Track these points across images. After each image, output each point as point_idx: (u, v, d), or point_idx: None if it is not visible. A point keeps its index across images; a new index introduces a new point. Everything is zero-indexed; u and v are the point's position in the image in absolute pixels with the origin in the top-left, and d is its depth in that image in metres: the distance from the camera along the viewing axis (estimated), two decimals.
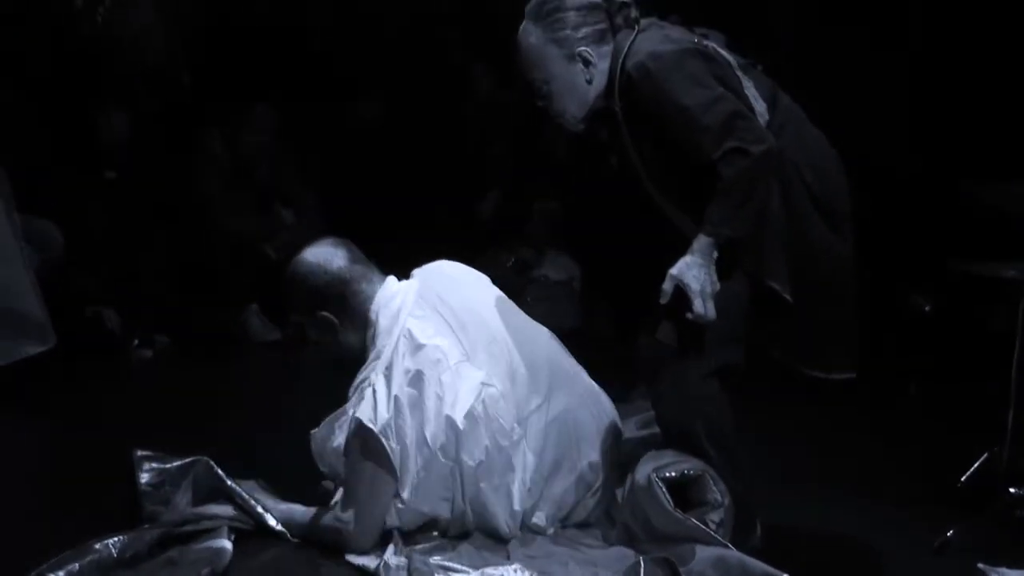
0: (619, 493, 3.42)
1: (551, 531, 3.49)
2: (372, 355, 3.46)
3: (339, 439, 3.42)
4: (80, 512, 3.71)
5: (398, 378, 3.36)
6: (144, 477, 3.49)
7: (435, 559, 3.31)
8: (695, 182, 3.27)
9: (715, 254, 3.23)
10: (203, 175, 6.46)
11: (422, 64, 7.14)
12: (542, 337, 3.65)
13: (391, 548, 3.34)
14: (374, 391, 3.36)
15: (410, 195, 6.88)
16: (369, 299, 3.51)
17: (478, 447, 3.36)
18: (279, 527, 3.40)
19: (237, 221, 6.42)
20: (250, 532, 3.40)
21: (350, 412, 3.40)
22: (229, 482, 3.48)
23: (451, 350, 3.41)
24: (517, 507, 3.43)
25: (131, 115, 6.08)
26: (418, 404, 3.34)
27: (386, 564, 3.27)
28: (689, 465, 3.29)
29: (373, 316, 3.49)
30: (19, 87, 5.70)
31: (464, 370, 3.40)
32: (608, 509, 3.56)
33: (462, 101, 7.39)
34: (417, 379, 3.35)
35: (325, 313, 3.51)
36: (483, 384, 3.39)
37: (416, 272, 3.65)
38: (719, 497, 3.26)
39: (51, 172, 5.86)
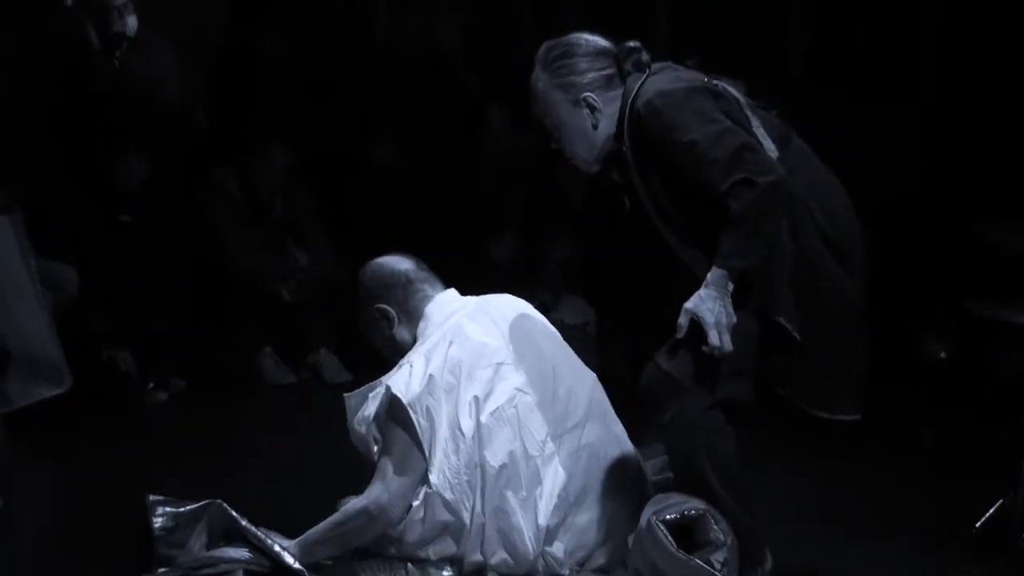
0: (630, 539, 3.42)
1: (567, 572, 3.48)
2: (418, 343, 3.58)
3: (370, 408, 3.50)
4: (95, 556, 3.72)
5: (438, 361, 3.46)
6: (157, 522, 3.49)
7: None
8: (705, 217, 3.28)
9: (730, 286, 3.23)
10: (217, 214, 6.46)
11: (437, 105, 7.16)
12: (588, 376, 3.72)
13: None
14: (411, 366, 3.48)
15: (425, 236, 6.88)
16: (428, 299, 3.68)
17: (502, 449, 3.41)
18: (296, 565, 3.39)
19: (252, 262, 6.41)
20: (265, 574, 3.40)
21: (384, 382, 3.49)
22: (244, 522, 3.48)
23: (497, 351, 3.52)
24: (542, 522, 3.44)
25: (148, 157, 6.10)
26: (454, 391, 3.43)
27: None
28: (690, 505, 3.29)
29: (428, 313, 3.63)
30: (36, 129, 5.72)
31: (505, 372, 3.50)
32: (623, 555, 3.56)
33: (478, 143, 7.40)
34: (457, 367, 3.46)
35: (384, 305, 3.66)
36: (518, 390, 3.48)
37: (480, 296, 3.78)
38: (721, 537, 3.25)
39: (67, 215, 5.89)
